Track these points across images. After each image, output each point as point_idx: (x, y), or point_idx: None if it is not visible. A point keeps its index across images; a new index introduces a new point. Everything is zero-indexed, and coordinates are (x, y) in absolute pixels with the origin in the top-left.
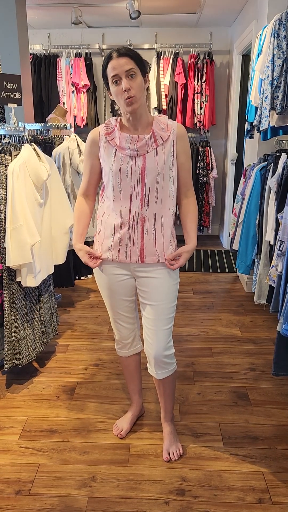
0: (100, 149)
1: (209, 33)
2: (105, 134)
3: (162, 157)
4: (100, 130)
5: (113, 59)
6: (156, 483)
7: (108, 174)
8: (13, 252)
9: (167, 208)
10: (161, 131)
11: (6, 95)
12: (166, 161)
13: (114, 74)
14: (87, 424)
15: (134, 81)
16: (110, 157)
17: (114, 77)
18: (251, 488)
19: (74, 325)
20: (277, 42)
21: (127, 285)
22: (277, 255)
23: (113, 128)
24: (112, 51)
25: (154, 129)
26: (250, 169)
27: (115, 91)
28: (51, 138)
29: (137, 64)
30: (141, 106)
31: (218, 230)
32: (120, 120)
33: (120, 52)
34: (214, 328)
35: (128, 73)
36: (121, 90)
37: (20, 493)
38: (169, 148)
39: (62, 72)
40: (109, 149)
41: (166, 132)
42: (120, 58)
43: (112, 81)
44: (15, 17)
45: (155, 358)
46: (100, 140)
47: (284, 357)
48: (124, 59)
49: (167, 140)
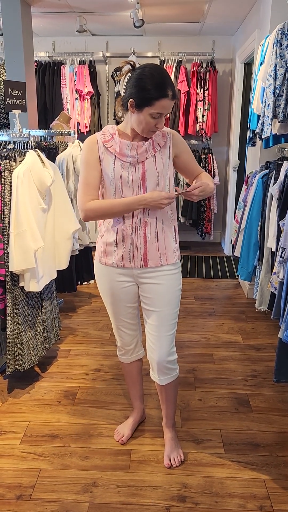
0: (100, 155)
1: (212, 42)
2: (103, 142)
3: (161, 162)
4: (97, 138)
5: (167, 98)
6: (157, 489)
7: (109, 181)
8: (16, 257)
9: (166, 211)
10: (157, 137)
11: (11, 102)
12: (164, 165)
13: (161, 112)
14: (88, 430)
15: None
16: (110, 165)
17: (159, 114)
18: (252, 495)
19: (76, 330)
20: (279, 51)
21: (130, 292)
22: (279, 262)
23: (111, 136)
24: (168, 88)
25: (152, 137)
26: (252, 176)
27: (148, 121)
28: (55, 144)
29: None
30: None
31: (220, 237)
32: (118, 129)
33: (174, 96)
34: (216, 335)
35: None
36: (155, 123)
37: (21, 498)
38: (167, 153)
39: (66, 79)
40: (108, 157)
41: (163, 138)
42: (172, 101)
43: (153, 115)
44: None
45: (158, 364)
46: (99, 147)
47: (285, 364)
48: (173, 103)
49: (164, 146)
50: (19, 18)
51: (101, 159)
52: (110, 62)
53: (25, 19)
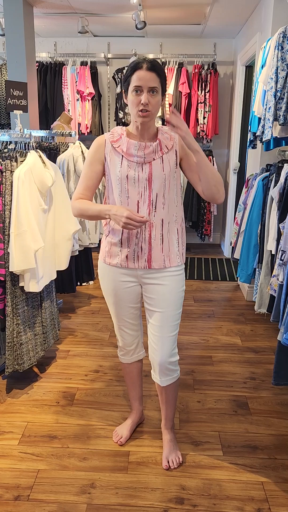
0: (106, 156)
1: (214, 44)
2: (111, 142)
3: (168, 164)
4: (106, 137)
5: (141, 70)
6: (155, 491)
7: (115, 180)
8: (16, 257)
9: (172, 214)
10: (166, 140)
11: (12, 102)
12: (172, 168)
13: (138, 85)
14: (86, 431)
15: (154, 98)
16: (117, 164)
17: (137, 87)
18: (250, 498)
19: (75, 331)
20: (281, 54)
21: (133, 292)
22: (279, 265)
23: (119, 136)
24: (142, 61)
25: (159, 138)
26: (252, 178)
27: (132, 100)
28: (56, 145)
29: (161, 82)
30: (152, 119)
31: (220, 239)
32: (126, 129)
33: (149, 67)
34: (215, 337)
35: (151, 89)
36: (139, 101)
37: (19, 499)
38: (174, 157)
39: (68, 80)
40: (115, 156)
41: (170, 141)
42: (148, 72)
43: (133, 89)
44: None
45: (160, 365)
46: (106, 147)
47: (284, 366)
48: (151, 75)
49: (171, 149)
50: (21, 19)
51: (107, 159)
52: (111, 64)
53: (27, 19)
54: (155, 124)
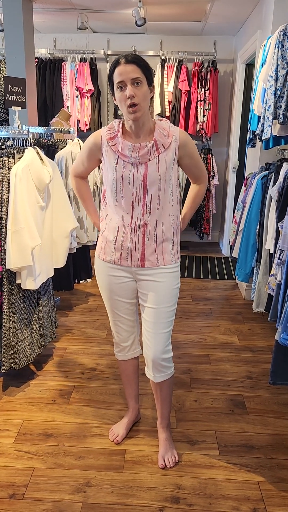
0: (103, 153)
1: (214, 42)
2: (108, 139)
3: (164, 164)
4: (102, 134)
5: (120, 65)
6: (151, 490)
7: (110, 180)
8: (13, 254)
9: (167, 214)
10: (163, 138)
11: (10, 98)
12: (168, 168)
13: (120, 80)
14: (83, 429)
15: (139, 89)
16: (112, 163)
17: (120, 83)
18: (246, 497)
19: (72, 328)
20: (281, 52)
21: (128, 288)
22: (277, 264)
23: (116, 133)
24: (120, 57)
25: (156, 138)
26: (251, 177)
27: (119, 97)
28: (54, 141)
29: (144, 73)
30: (144, 114)
31: (218, 237)
32: (123, 125)
33: (128, 59)
34: (212, 335)
35: (134, 81)
36: (125, 96)
37: (14, 497)
38: (171, 155)
39: (67, 76)
40: (111, 155)
41: (168, 138)
42: (127, 65)
43: (117, 87)
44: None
45: (153, 361)
46: (102, 144)
47: (281, 366)
48: (131, 67)
49: (169, 147)
50: (20, 14)
51: (105, 155)
52: (111, 60)
53: (26, 15)
54: (150, 118)
